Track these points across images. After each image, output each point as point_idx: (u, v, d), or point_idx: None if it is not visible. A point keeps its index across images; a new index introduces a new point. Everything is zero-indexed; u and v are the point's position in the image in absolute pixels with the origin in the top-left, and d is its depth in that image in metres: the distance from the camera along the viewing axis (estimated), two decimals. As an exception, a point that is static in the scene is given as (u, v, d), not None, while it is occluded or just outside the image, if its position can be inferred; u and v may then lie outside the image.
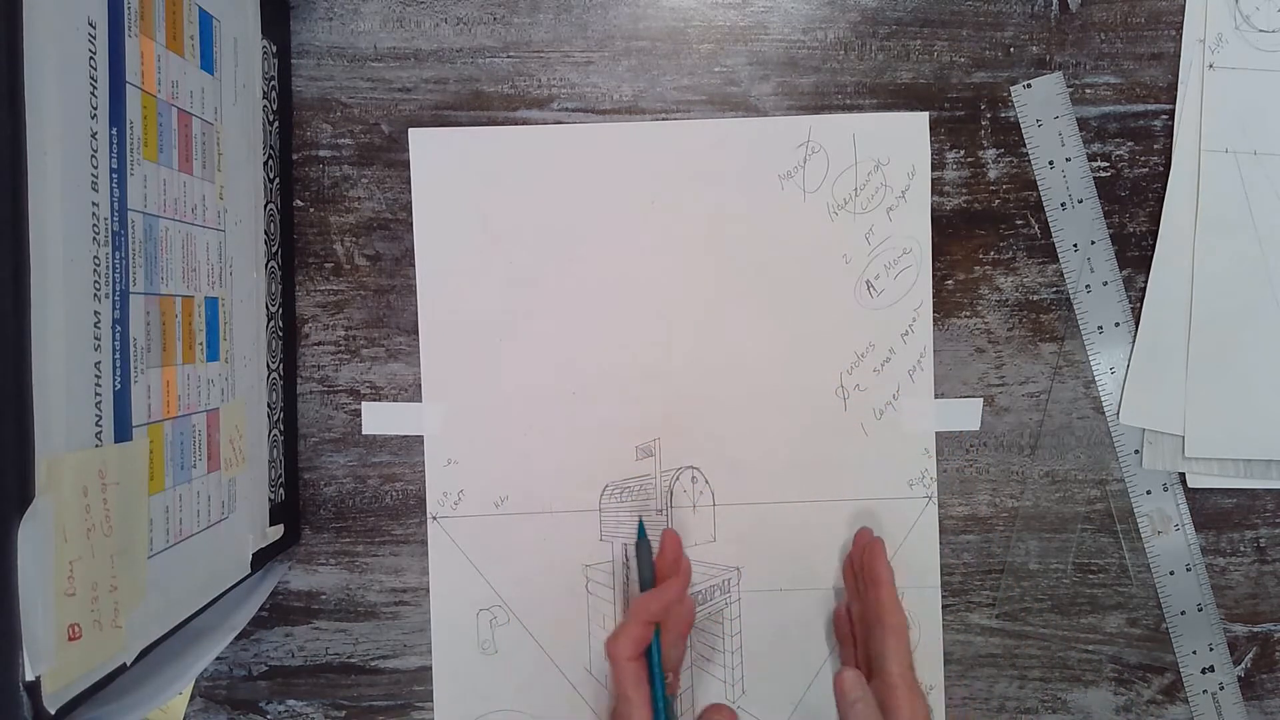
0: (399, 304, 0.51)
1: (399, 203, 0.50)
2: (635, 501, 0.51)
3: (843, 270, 0.50)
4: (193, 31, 0.39)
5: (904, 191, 0.50)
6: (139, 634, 0.34)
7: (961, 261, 0.51)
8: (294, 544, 0.51)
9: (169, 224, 0.37)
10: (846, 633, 0.49)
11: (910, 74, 0.50)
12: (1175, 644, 0.51)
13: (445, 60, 0.50)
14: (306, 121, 0.50)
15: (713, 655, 0.51)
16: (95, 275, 0.32)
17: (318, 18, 0.50)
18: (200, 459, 0.40)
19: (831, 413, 0.51)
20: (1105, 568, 0.52)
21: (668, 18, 0.50)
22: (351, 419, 0.51)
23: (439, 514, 0.51)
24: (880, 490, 0.51)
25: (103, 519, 0.32)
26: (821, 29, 0.50)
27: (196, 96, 0.39)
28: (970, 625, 0.52)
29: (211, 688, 0.52)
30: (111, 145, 0.33)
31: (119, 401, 0.33)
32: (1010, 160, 0.50)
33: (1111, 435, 0.51)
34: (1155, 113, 0.50)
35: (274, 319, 0.48)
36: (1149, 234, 0.50)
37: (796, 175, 0.50)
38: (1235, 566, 0.51)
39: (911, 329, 0.50)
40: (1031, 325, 0.51)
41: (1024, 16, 0.50)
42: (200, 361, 0.40)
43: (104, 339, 0.32)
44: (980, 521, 0.51)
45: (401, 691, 0.52)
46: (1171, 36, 0.50)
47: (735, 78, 0.50)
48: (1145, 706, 0.52)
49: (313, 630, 0.52)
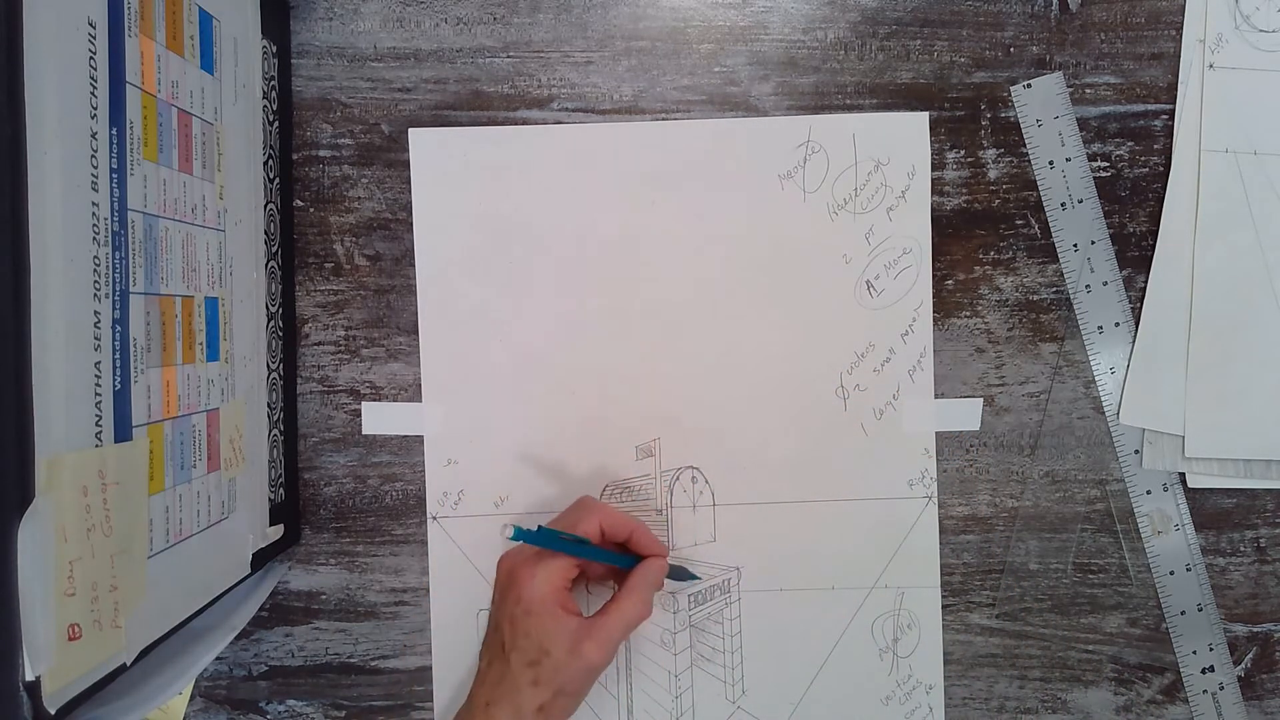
0: (399, 304, 0.51)
1: (399, 203, 0.50)
2: (635, 501, 0.51)
3: (843, 270, 0.50)
4: (193, 31, 0.39)
5: (904, 191, 0.50)
6: (139, 634, 0.34)
7: (961, 261, 0.51)
8: (294, 544, 0.51)
9: (169, 224, 0.37)
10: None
11: (910, 74, 0.50)
12: (1175, 644, 0.51)
13: (445, 60, 0.50)
14: (306, 121, 0.50)
15: (713, 655, 0.51)
16: (95, 275, 0.32)
17: (318, 18, 0.50)
18: (200, 459, 0.40)
19: (831, 412, 0.51)
20: (1105, 568, 0.52)
21: (668, 18, 0.50)
22: (351, 419, 0.51)
23: (439, 514, 0.51)
24: (880, 490, 0.51)
25: (103, 519, 0.32)
26: (821, 29, 0.50)
27: (196, 96, 0.39)
28: (970, 625, 0.52)
29: (211, 688, 0.52)
30: (111, 145, 0.33)
31: (119, 401, 0.33)
32: (1010, 160, 0.50)
33: (1111, 435, 0.51)
34: (1155, 113, 0.50)
35: (274, 319, 0.48)
36: (1149, 234, 0.50)
37: (796, 175, 0.50)
38: (1235, 566, 0.51)
39: (911, 329, 0.50)
40: (1031, 325, 0.51)
41: (1024, 16, 0.50)
42: (200, 361, 0.40)
43: (104, 339, 0.32)
44: (980, 521, 0.51)
45: (401, 691, 0.52)
46: (1171, 36, 0.50)
47: (735, 78, 0.50)
48: (1145, 706, 0.52)
49: (313, 630, 0.52)
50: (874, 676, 0.51)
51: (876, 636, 0.51)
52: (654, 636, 0.51)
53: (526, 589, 0.43)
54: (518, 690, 0.42)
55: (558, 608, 0.43)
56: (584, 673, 0.43)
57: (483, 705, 0.43)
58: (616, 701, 0.51)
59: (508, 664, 0.43)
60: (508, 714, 0.42)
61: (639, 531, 0.46)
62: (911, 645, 0.51)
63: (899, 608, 0.51)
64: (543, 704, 0.42)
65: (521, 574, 0.43)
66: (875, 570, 0.51)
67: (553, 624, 0.42)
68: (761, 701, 0.51)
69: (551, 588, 0.43)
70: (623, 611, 0.44)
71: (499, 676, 0.43)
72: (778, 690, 0.51)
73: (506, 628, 0.43)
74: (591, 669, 0.43)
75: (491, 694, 0.43)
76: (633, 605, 0.44)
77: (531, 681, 0.42)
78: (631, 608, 0.44)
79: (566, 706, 0.43)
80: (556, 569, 0.43)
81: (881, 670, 0.51)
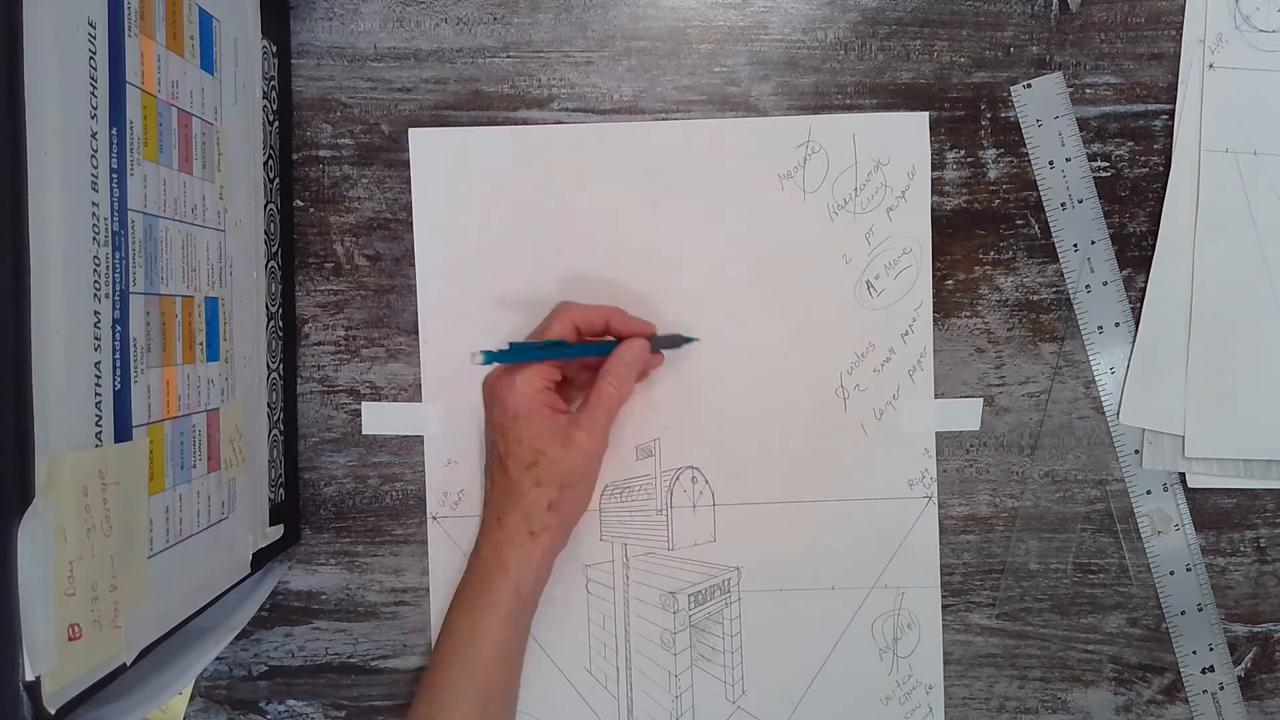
0: (399, 304, 0.51)
1: (399, 203, 0.50)
2: (635, 501, 0.51)
3: (843, 270, 0.50)
4: (193, 31, 0.39)
5: (904, 191, 0.50)
6: (139, 634, 0.34)
7: (961, 261, 0.51)
8: (294, 544, 0.51)
9: (169, 224, 0.37)
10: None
11: (910, 74, 0.50)
12: (1175, 644, 0.51)
13: (445, 60, 0.50)
14: (306, 121, 0.50)
15: (713, 655, 0.51)
16: (95, 275, 0.32)
17: (318, 18, 0.50)
18: (200, 459, 0.40)
19: (832, 412, 0.51)
20: (1105, 568, 0.52)
21: (668, 18, 0.50)
22: (351, 419, 0.51)
23: (439, 514, 0.51)
24: (880, 490, 0.51)
25: (103, 519, 0.32)
26: (821, 29, 0.50)
27: (196, 96, 0.39)
28: (970, 625, 0.52)
29: (211, 688, 0.52)
30: (111, 145, 0.33)
31: (119, 401, 0.33)
32: (1010, 160, 0.50)
33: (1111, 435, 0.51)
34: (1155, 113, 0.50)
35: (274, 319, 0.48)
36: (1149, 234, 0.50)
37: (796, 175, 0.50)
38: (1235, 566, 0.51)
39: (911, 329, 0.50)
40: (1031, 325, 0.51)
41: (1024, 16, 0.50)
42: (200, 361, 0.40)
43: (104, 339, 0.32)
44: (980, 521, 0.51)
45: (401, 692, 0.52)
46: (1171, 36, 0.50)
47: (735, 78, 0.50)
48: (1145, 706, 0.52)
49: (313, 630, 0.52)
50: (874, 676, 0.51)
51: (876, 636, 0.51)
52: (654, 636, 0.51)
53: (509, 397, 0.44)
54: (523, 494, 0.43)
55: (544, 407, 0.44)
56: (583, 460, 0.44)
57: (495, 520, 0.44)
58: (616, 701, 0.51)
59: (508, 474, 0.44)
60: (518, 520, 0.44)
61: (615, 316, 0.46)
62: (911, 645, 0.51)
63: (899, 608, 0.51)
64: (551, 501, 0.44)
65: (501, 385, 0.44)
66: (875, 570, 0.51)
67: (541, 423, 0.43)
68: (761, 701, 0.51)
69: (533, 389, 0.44)
70: (601, 394, 0.45)
71: (503, 488, 0.44)
72: (778, 690, 0.51)
73: (499, 440, 0.44)
74: (589, 455, 0.44)
75: (500, 506, 0.44)
76: (611, 385, 0.45)
77: (534, 483, 0.43)
78: (610, 388, 0.45)
79: (576, 498, 0.45)
80: (535, 372, 0.44)
81: (881, 670, 0.51)
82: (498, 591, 0.44)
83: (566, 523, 0.46)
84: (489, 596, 0.44)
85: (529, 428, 0.43)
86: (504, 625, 0.44)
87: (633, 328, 0.47)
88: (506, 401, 0.44)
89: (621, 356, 0.45)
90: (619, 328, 0.47)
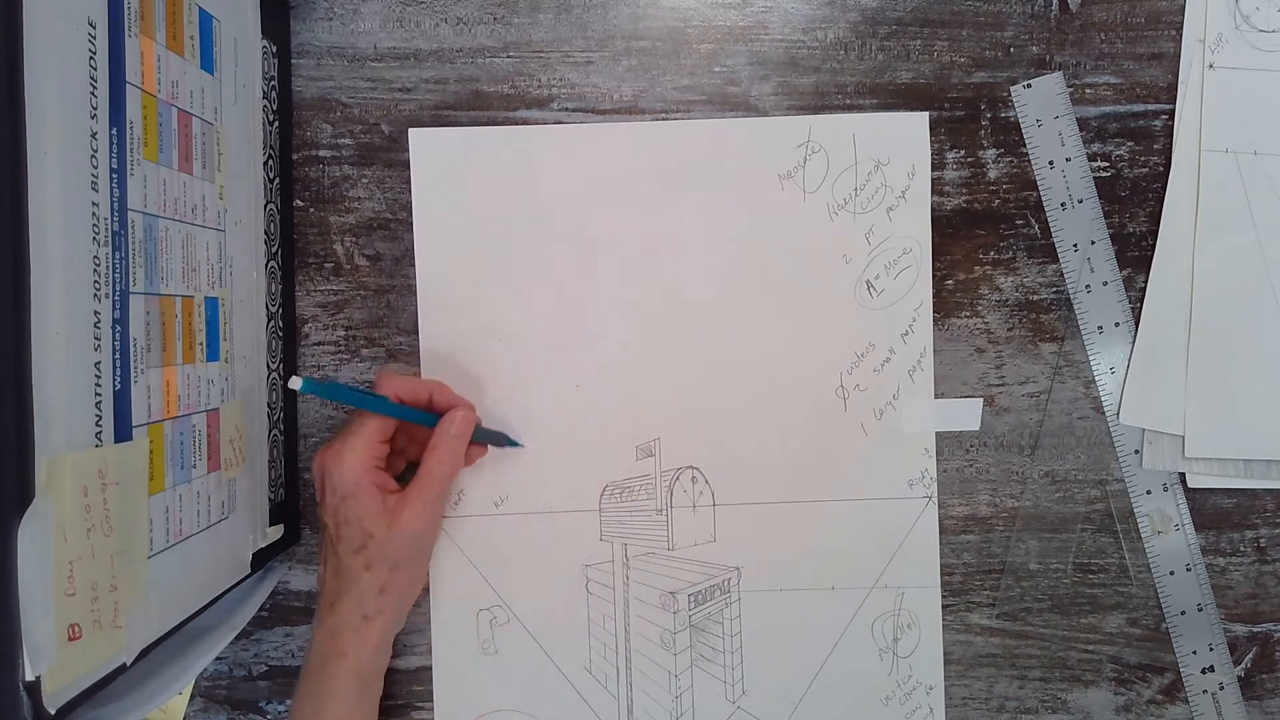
0: (399, 304, 0.51)
1: (399, 203, 0.50)
2: (635, 501, 0.51)
3: (843, 270, 0.50)
4: (193, 31, 0.39)
5: (904, 191, 0.50)
6: (139, 634, 0.34)
7: (961, 261, 0.51)
8: (294, 544, 0.51)
9: (169, 224, 0.37)
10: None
11: (910, 74, 0.50)
12: (1175, 644, 0.51)
13: (445, 60, 0.50)
14: (306, 121, 0.50)
15: (713, 655, 0.51)
16: (95, 275, 0.32)
17: (318, 18, 0.50)
18: (200, 459, 0.40)
19: (832, 412, 0.51)
20: (1105, 568, 0.52)
21: (668, 18, 0.50)
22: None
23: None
24: (880, 490, 0.51)
25: (103, 519, 0.32)
26: (821, 29, 0.50)
27: (196, 96, 0.39)
28: (970, 625, 0.52)
29: (211, 688, 0.52)
30: (111, 145, 0.33)
31: (119, 401, 0.33)
32: (1010, 160, 0.50)
33: (1111, 435, 0.51)
34: (1155, 113, 0.50)
35: (274, 319, 0.48)
36: (1149, 234, 0.50)
37: (796, 175, 0.50)
38: (1235, 566, 0.51)
39: (911, 329, 0.50)
40: (1031, 325, 0.51)
41: (1024, 16, 0.50)
42: (200, 361, 0.40)
43: (104, 339, 0.32)
44: (980, 521, 0.51)
45: (401, 691, 0.52)
46: (1171, 36, 0.50)
47: (735, 78, 0.50)
48: (1145, 706, 0.52)
49: (313, 630, 0.52)
50: (874, 676, 0.51)
51: (876, 636, 0.51)
52: (654, 636, 0.51)
53: (336, 476, 0.43)
54: (355, 579, 0.43)
55: (371, 487, 0.43)
56: (410, 541, 0.43)
57: (329, 605, 0.44)
58: (616, 701, 0.51)
59: (339, 557, 0.43)
60: (351, 605, 0.43)
61: (439, 390, 0.46)
62: (911, 645, 0.51)
63: (899, 608, 0.51)
64: (383, 585, 0.43)
65: (330, 464, 0.43)
66: (875, 570, 0.51)
67: (369, 503, 0.43)
68: (761, 701, 0.51)
69: (361, 467, 0.43)
70: (429, 470, 0.44)
71: (334, 571, 0.44)
72: (778, 690, 0.51)
73: (330, 522, 0.44)
74: (415, 536, 0.43)
75: (333, 591, 0.44)
76: (438, 461, 0.44)
77: (364, 566, 0.43)
78: (437, 464, 0.44)
79: (408, 580, 0.44)
80: (363, 449, 0.43)
81: (881, 670, 0.51)
82: (339, 677, 0.43)
83: (400, 604, 0.45)
84: (332, 682, 0.43)
85: (357, 508, 0.42)
86: (349, 709, 0.44)
87: (454, 404, 0.46)
88: (335, 481, 0.43)
89: (446, 430, 0.45)
90: (440, 403, 0.46)
